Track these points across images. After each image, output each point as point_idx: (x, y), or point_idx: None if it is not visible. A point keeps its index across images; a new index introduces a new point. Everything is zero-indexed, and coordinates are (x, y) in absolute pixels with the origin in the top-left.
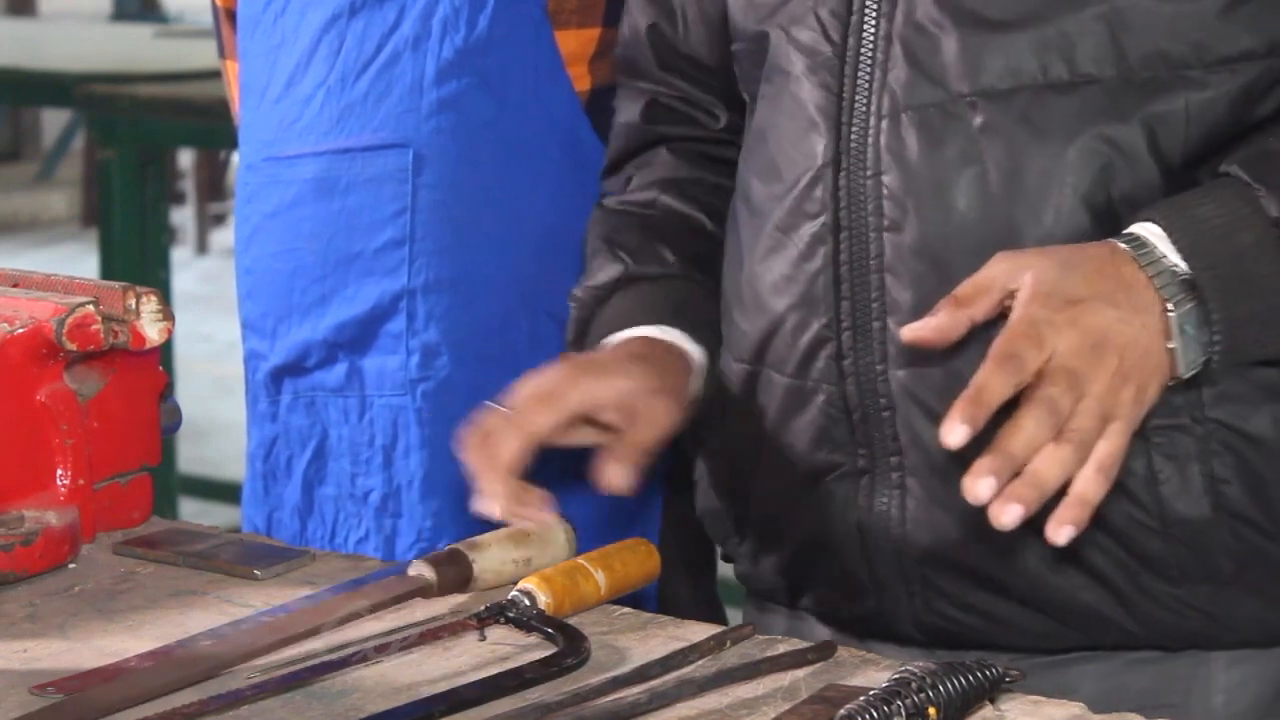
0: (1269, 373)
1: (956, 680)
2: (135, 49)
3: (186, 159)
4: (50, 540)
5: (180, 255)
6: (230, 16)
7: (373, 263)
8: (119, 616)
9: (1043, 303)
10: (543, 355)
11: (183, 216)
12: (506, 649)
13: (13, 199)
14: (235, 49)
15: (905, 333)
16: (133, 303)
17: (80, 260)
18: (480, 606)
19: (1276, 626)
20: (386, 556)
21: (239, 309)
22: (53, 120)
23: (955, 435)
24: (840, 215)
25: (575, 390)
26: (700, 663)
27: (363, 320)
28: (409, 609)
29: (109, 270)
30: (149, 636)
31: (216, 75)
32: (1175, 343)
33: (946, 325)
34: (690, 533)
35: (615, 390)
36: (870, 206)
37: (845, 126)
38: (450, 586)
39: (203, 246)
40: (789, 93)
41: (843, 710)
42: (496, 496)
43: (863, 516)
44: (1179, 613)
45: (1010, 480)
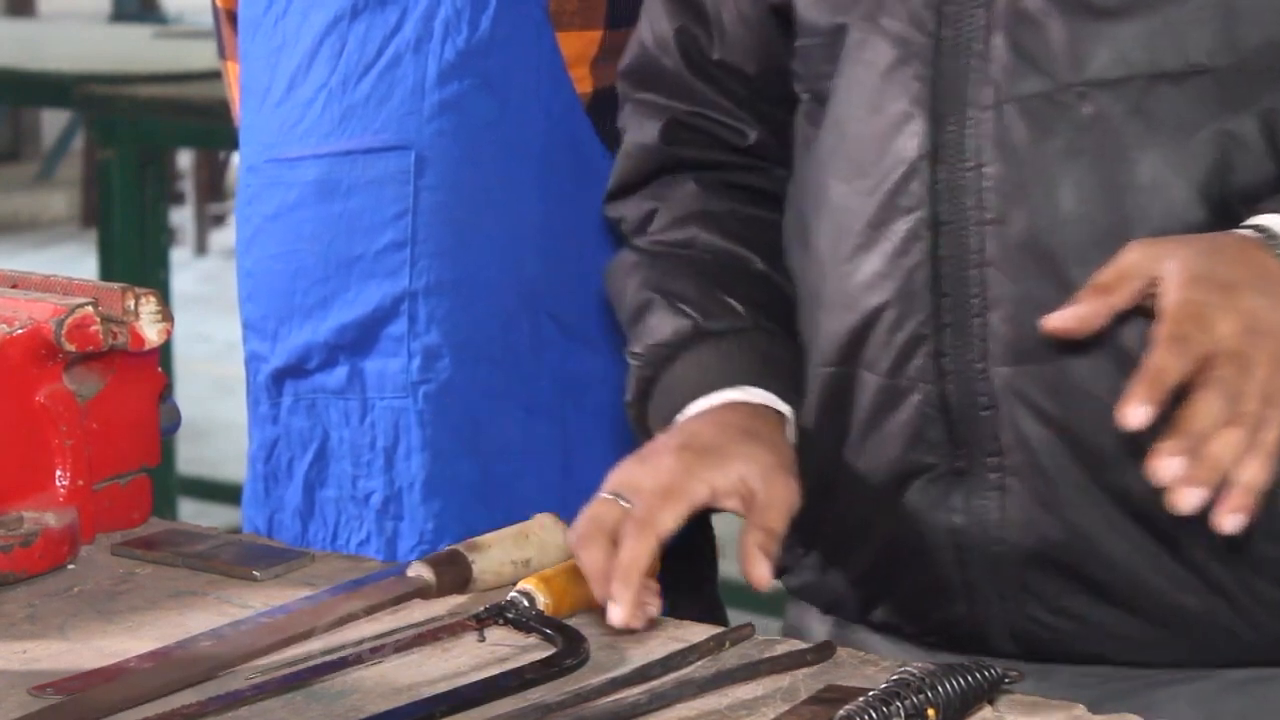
0: None
1: (955, 681)
2: (135, 49)
3: (186, 159)
4: (49, 541)
5: (180, 256)
6: (231, 18)
7: (374, 265)
8: (118, 617)
9: (1199, 286)
10: (543, 357)
11: (182, 217)
12: (506, 650)
13: (12, 199)
14: (236, 50)
15: (1047, 323)
16: (132, 304)
17: (79, 261)
18: (480, 607)
19: None
20: (388, 559)
21: (240, 311)
22: (52, 121)
23: (1138, 416)
24: (939, 209)
25: (696, 483)
26: (700, 663)
27: (364, 322)
28: (408, 610)
29: (108, 271)
30: (148, 637)
31: (216, 76)
32: None
33: (1088, 314)
34: (691, 533)
35: (736, 477)
36: (970, 200)
37: (942, 118)
38: (450, 587)
39: (202, 247)
40: (873, 86)
41: (842, 711)
42: (627, 605)
43: (957, 519)
44: None
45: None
